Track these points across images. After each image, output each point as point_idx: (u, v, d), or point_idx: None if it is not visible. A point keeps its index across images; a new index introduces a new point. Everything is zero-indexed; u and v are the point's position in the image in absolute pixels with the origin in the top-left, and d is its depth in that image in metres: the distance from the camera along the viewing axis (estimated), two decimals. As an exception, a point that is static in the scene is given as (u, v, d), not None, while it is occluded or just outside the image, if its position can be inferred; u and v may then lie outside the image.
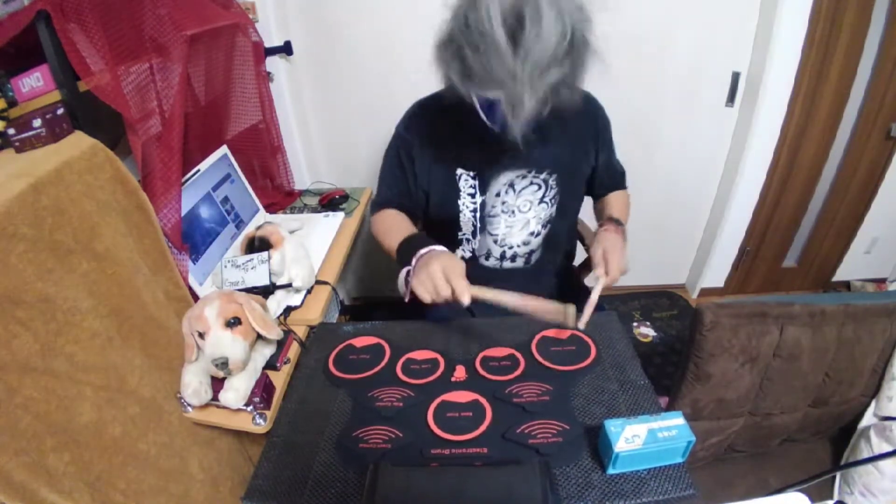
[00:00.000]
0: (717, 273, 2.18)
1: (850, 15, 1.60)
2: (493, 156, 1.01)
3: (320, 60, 1.70)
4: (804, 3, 1.53)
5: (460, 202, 1.06)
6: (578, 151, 1.06)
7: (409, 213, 1.11)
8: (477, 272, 1.13)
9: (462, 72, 0.79)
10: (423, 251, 0.92)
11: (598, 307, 1.16)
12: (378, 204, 1.13)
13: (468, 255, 1.13)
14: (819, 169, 1.93)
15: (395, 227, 1.04)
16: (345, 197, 1.61)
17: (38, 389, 0.66)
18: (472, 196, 1.05)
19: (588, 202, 1.20)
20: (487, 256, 1.12)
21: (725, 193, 1.95)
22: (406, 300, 0.93)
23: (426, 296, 0.84)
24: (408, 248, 0.95)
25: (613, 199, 1.15)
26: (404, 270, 0.96)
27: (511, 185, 1.04)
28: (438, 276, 0.83)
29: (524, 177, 1.03)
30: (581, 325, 0.84)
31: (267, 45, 1.47)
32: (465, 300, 0.81)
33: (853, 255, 2.18)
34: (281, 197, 1.61)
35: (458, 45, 0.78)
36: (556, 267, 1.18)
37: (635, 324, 2.11)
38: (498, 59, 0.73)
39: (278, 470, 0.72)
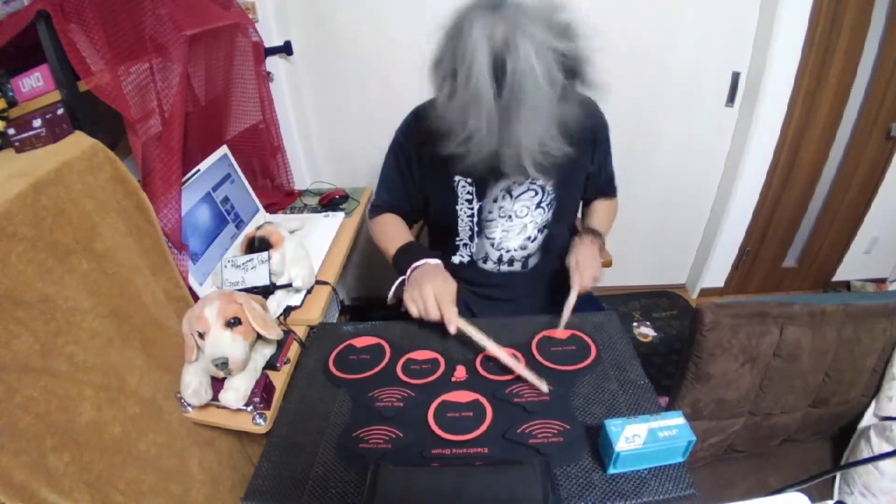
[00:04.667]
0: (717, 273, 2.18)
1: (850, 15, 1.60)
2: (490, 162, 1.01)
3: (320, 60, 1.70)
4: (804, 3, 1.53)
5: (458, 207, 1.07)
6: (576, 157, 1.04)
7: (406, 216, 1.14)
8: (475, 276, 1.14)
9: (448, 101, 0.83)
10: (417, 263, 0.96)
11: (598, 307, 1.17)
12: (377, 206, 1.15)
13: (466, 259, 1.14)
14: (819, 169, 1.93)
15: (393, 233, 1.08)
16: (345, 197, 1.61)
17: (38, 389, 0.66)
18: (470, 202, 1.06)
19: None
20: (485, 260, 1.12)
21: (725, 193, 1.95)
22: (394, 302, 0.97)
23: (415, 312, 0.89)
24: (404, 258, 1.00)
25: (596, 208, 1.18)
26: (398, 283, 1.00)
27: (508, 191, 1.04)
28: (430, 299, 0.87)
29: (521, 183, 1.03)
30: (560, 327, 0.91)
31: (267, 45, 1.47)
32: (452, 330, 0.86)
33: (853, 255, 2.18)
34: (281, 197, 1.61)
35: (446, 75, 0.82)
36: (554, 272, 1.17)
37: (635, 324, 2.11)
38: (480, 115, 0.78)
39: (278, 470, 0.72)
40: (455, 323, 0.86)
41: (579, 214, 1.26)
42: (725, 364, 0.95)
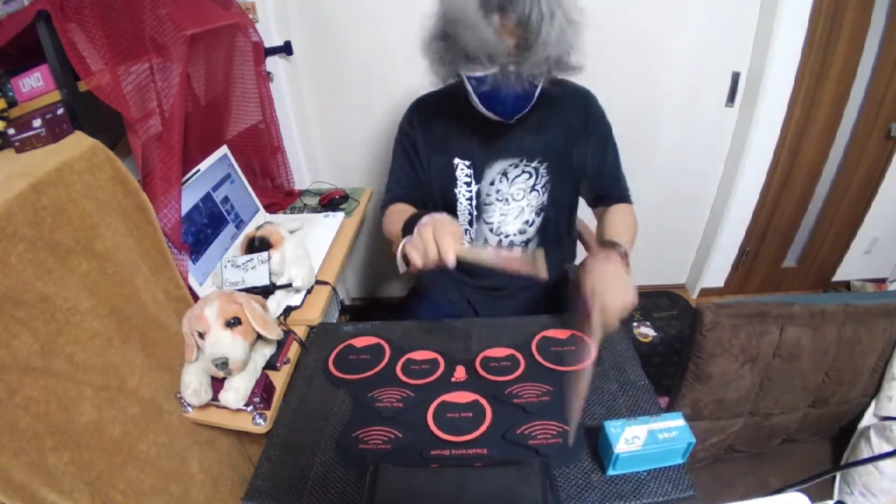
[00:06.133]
0: (717, 273, 2.18)
1: (850, 15, 1.60)
2: (488, 145, 1.04)
3: (320, 60, 1.69)
4: (804, 3, 1.53)
5: (457, 191, 1.08)
6: (569, 140, 1.06)
7: (419, 204, 1.12)
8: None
9: (449, 57, 0.85)
10: (424, 220, 0.86)
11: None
12: (390, 200, 1.13)
13: (466, 245, 1.14)
14: (819, 169, 1.93)
15: (403, 214, 1.01)
16: (345, 197, 1.60)
17: (38, 389, 0.66)
18: (468, 185, 1.07)
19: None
20: (485, 246, 1.12)
21: (725, 193, 1.95)
22: (401, 271, 0.90)
23: (417, 258, 0.79)
24: (412, 222, 0.91)
25: (611, 217, 1.03)
26: (403, 241, 0.91)
27: (504, 174, 1.05)
28: (428, 235, 0.78)
29: (516, 165, 1.05)
30: (574, 417, 0.73)
31: (267, 45, 1.47)
32: (450, 260, 0.76)
33: (853, 255, 2.18)
34: (281, 197, 1.61)
35: (442, 35, 0.84)
36: (554, 259, 1.18)
37: (635, 324, 2.11)
38: (477, 37, 0.78)
39: (278, 470, 0.72)
40: (452, 253, 0.75)
41: (584, 220, 1.25)
42: (725, 364, 0.95)
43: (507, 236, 1.11)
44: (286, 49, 1.60)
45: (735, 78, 1.74)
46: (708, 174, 1.98)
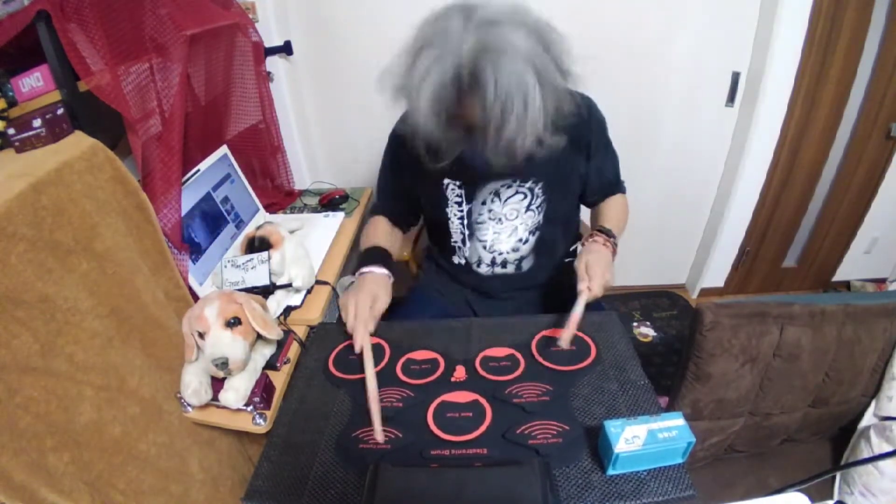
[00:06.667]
0: (717, 273, 2.18)
1: (850, 15, 1.60)
2: (478, 166, 1.00)
3: (320, 60, 1.70)
4: (804, 3, 1.53)
5: (448, 210, 1.07)
6: (567, 158, 1.01)
7: (402, 218, 1.17)
8: (472, 279, 1.14)
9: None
10: (364, 270, 1.00)
11: (598, 307, 1.16)
12: (373, 211, 1.19)
13: (462, 261, 1.14)
14: (819, 169, 1.93)
15: (371, 236, 1.11)
16: (345, 197, 1.61)
17: (38, 389, 0.66)
18: (459, 204, 1.06)
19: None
20: (479, 263, 1.13)
21: (725, 193, 1.95)
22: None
23: (344, 317, 0.93)
24: (361, 261, 1.04)
25: (607, 208, 1.11)
26: (348, 279, 1.04)
27: (496, 194, 1.04)
28: (351, 313, 0.92)
29: (509, 186, 1.03)
30: (563, 343, 0.84)
31: (267, 45, 1.47)
32: (356, 350, 0.88)
33: (853, 255, 2.18)
34: (281, 197, 1.61)
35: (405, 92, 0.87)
36: (550, 273, 1.16)
37: (635, 324, 2.11)
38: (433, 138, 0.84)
39: (278, 470, 0.72)
40: (359, 345, 0.88)
41: (586, 221, 1.24)
42: (725, 364, 0.95)
43: (500, 254, 1.10)
44: (286, 49, 1.60)
45: (735, 78, 1.74)
46: (708, 174, 1.98)
